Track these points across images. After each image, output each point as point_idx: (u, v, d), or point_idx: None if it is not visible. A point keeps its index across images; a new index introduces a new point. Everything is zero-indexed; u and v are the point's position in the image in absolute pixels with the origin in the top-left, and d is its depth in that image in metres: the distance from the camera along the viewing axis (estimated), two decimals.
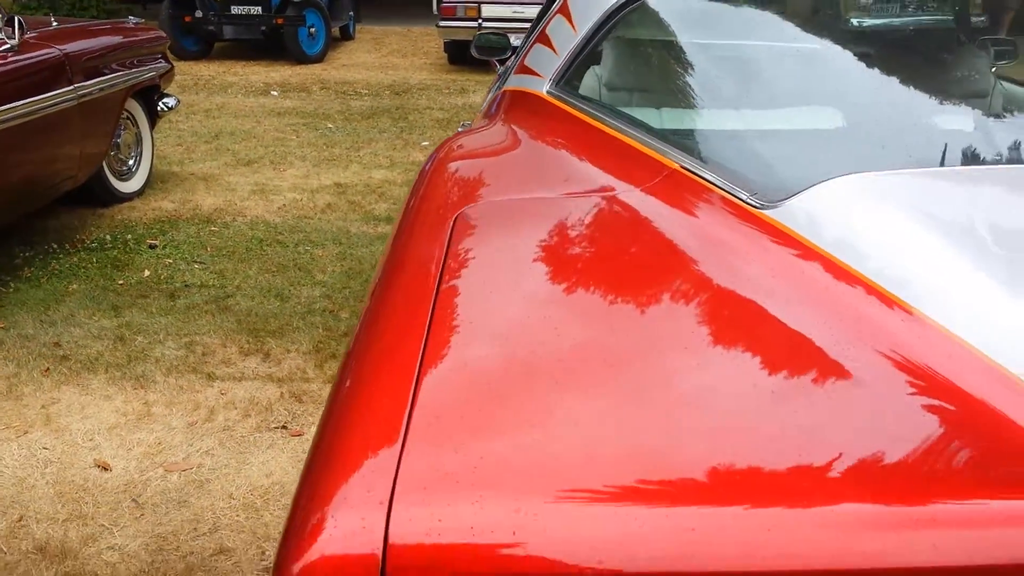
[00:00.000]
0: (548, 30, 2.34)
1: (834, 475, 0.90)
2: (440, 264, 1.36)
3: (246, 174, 6.13)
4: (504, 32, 4.25)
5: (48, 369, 3.35)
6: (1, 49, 4.03)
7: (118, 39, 5.09)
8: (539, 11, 2.93)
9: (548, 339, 1.15)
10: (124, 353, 3.48)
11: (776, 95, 1.98)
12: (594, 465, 0.91)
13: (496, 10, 10.21)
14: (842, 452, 0.92)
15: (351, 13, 12.90)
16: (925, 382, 1.03)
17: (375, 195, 5.73)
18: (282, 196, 5.64)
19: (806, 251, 1.26)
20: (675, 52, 2.19)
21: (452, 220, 1.54)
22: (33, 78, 4.13)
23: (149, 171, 5.60)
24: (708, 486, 0.89)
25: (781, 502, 0.87)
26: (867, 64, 2.16)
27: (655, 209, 1.48)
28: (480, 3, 10.33)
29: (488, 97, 3.06)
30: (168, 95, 5.68)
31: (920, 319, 1.10)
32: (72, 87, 4.36)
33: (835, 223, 1.29)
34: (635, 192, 1.54)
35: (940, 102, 2.03)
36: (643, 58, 2.33)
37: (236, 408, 3.12)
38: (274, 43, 11.01)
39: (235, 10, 10.70)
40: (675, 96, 2.09)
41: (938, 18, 2.72)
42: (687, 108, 2.02)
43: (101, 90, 4.64)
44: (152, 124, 5.59)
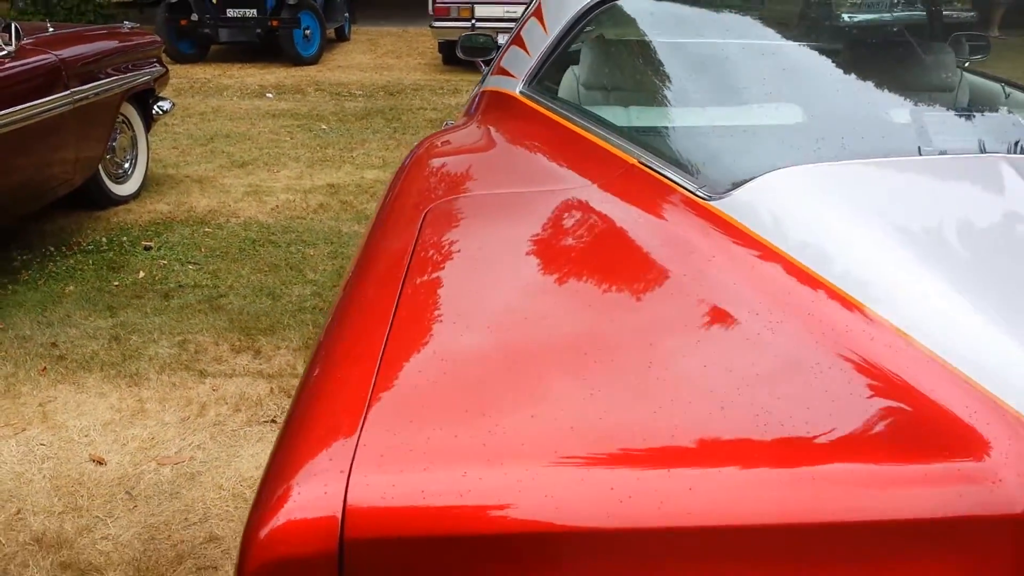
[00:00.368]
0: (523, 32, 2.43)
1: (778, 438, 0.98)
2: (409, 256, 1.44)
3: (240, 176, 6.21)
4: (493, 32, 4.31)
5: (45, 368, 3.44)
6: None
7: (113, 44, 5.16)
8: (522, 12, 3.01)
9: (505, 325, 1.24)
10: (119, 352, 3.57)
11: (739, 92, 2.05)
12: (533, 436, 0.99)
13: (489, 10, 10.28)
14: (782, 422, 1.00)
15: (346, 14, 12.97)
16: (852, 359, 1.11)
17: (367, 195, 5.81)
18: (275, 197, 5.72)
19: (746, 239, 1.34)
20: (643, 52, 2.27)
21: (423, 215, 1.62)
22: (29, 83, 4.19)
23: (144, 174, 5.67)
24: (629, 455, 0.98)
25: (704, 463, 0.95)
26: (831, 60, 2.23)
27: (610, 203, 1.56)
28: (473, 3, 10.40)
29: (470, 96, 3.14)
30: (163, 99, 5.75)
31: (845, 299, 1.18)
32: (68, 92, 4.43)
33: (773, 212, 1.36)
34: (592, 187, 1.63)
35: (903, 97, 2.10)
36: (614, 58, 2.41)
37: (227, 403, 3.20)
38: (269, 45, 11.06)
39: (231, 13, 10.75)
40: (642, 94, 2.18)
41: (911, 14, 2.80)
42: (653, 106, 2.10)
43: (97, 95, 4.72)
44: (147, 127, 5.66)
